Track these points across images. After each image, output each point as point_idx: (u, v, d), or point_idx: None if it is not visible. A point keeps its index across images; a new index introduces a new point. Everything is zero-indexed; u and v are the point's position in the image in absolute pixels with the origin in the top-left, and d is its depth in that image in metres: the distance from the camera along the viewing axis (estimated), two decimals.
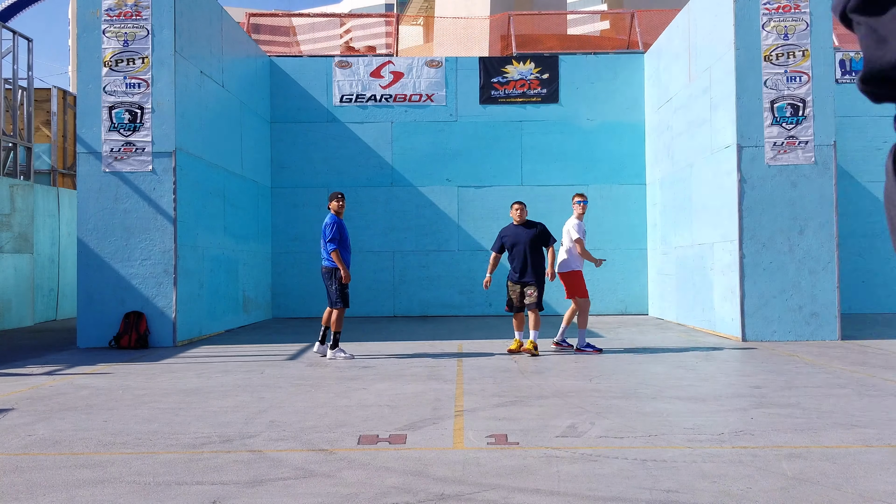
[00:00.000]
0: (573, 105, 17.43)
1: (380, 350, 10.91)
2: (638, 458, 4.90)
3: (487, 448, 5.20)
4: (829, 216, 11.60)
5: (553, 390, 7.45)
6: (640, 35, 18.56)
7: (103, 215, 11.59)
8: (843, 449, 5.09)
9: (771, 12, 11.77)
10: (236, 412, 6.52)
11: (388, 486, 4.37)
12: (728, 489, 4.23)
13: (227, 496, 4.21)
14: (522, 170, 17.34)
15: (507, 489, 4.28)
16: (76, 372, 9.06)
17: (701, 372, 8.58)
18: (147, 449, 5.28)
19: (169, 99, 11.70)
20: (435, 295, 17.19)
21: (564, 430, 5.71)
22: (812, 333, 11.48)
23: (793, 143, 11.68)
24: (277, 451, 5.18)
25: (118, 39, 11.68)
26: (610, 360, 9.69)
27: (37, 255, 16.24)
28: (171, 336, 11.51)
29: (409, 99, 17.40)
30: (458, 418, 6.16)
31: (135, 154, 11.64)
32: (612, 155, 17.36)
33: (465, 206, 17.28)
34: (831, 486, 4.29)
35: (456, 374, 8.59)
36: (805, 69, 11.73)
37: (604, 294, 17.17)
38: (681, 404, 6.71)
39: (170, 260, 11.55)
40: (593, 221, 17.20)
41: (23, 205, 15.73)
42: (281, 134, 17.40)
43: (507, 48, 20.81)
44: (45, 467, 4.84)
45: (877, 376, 8.08)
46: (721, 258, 12.34)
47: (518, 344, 10.24)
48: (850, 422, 5.90)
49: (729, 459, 4.85)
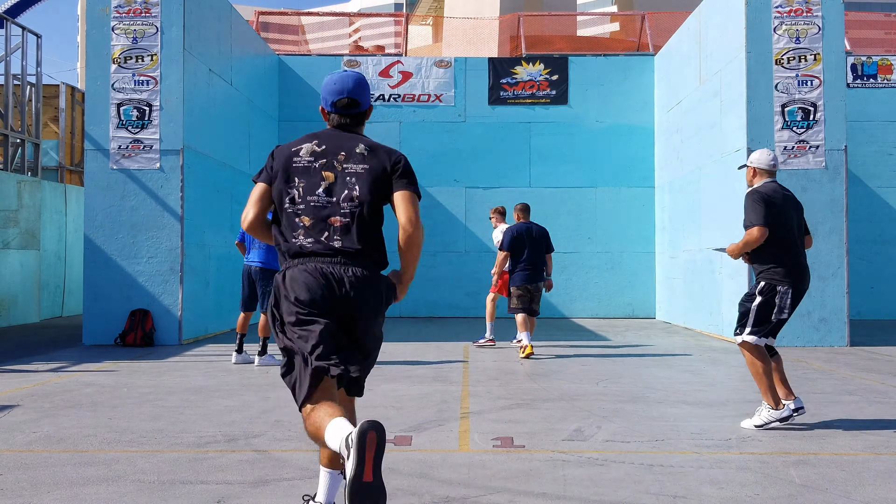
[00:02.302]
0: (582, 107, 17.38)
1: (385, 351, 10.87)
2: (644, 462, 4.87)
3: (493, 451, 5.17)
4: (840, 221, 11.54)
5: (559, 393, 7.42)
6: (650, 37, 18.50)
7: (110, 212, 11.59)
8: (852, 456, 5.05)
9: (783, 16, 11.71)
10: (241, 411, 6.51)
11: (393, 487, 4.34)
12: (735, 495, 4.20)
13: (232, 496, 4.19)
14: (530, 171, 17.31)
15: (513, 492, 4.25)
16: (81, 369, 9.06)
17: (708, 377, 8.53)
18: (152, 447, 5.27)
19: (177, 96, 11.70)
20: (441, 296, 17.16)
21: (571, 433, 5.68)
22: (820, 339, 11.41)
23: (803, 147, 11.63)
24: (282, 451, 5.16)
25: (127, 36, 11.69)
26: (617, 363, 9.66)
27: (43, 251, 16.26)
28: (176, 334, 11.51)
29: (418, 99, 17.38)
30: (464, 420, 6.13)
31: (142, 151, 11.64)
32: (621, 157, 17.30)
33: (472, 207, 17.25)
34: (839, 493, 4.26)
35: (462, 375, 8.56)
36: (816, 73, 11.67)
37: (611, 297, 17.12)
38: (688, 409, 6.67)
39: (176, 258, 11.55)
40: (602, 224, 17.16)
41: (30, 201, 15.76)
42: (289, 133, 17.38)
43: (516, 49, 20.77)
44: (50, 464, 4.82)
45: (886, 383, 8.02)
46: (729, 262, 12.28)
47: (532, 348, 10.07)
48: (858, 429, 5.85)
49: (736, 465, 4.82)
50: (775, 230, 5.76)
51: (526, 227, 10.30)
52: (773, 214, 5.78)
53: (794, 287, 5.79)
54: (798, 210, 6.05)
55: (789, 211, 5.92)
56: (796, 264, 5.83)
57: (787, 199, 5.96)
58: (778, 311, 5.78)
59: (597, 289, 17.17)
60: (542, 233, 10.32)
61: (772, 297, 5.78)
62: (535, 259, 10.15)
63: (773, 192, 5.91)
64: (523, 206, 10.62)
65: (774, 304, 5.77)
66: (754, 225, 5.74)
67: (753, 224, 5.74)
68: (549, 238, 10.37)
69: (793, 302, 5.79)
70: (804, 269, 5.89)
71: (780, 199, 5.90)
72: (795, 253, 5.86)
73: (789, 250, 5.82)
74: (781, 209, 5.85)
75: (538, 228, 10.34)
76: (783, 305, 5.76)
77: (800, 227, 6.00)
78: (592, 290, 17.12)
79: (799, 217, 6.02)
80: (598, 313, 17.08)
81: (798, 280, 5.82)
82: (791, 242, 5.85)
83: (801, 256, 5.91)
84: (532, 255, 10.12)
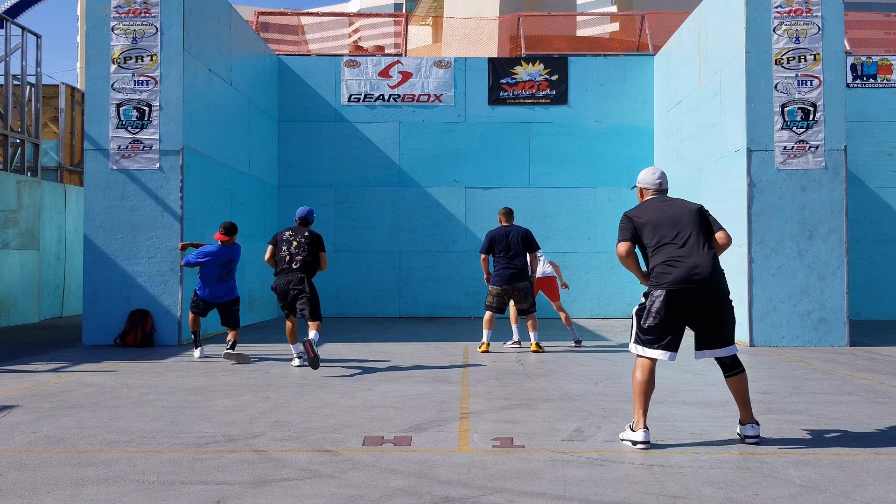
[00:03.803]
0: (582, 107, 17.38)
1: (385, 351, 10.89)
2: (644, 462, 4.87)
3: (493, 451, 5.17)
4: (839, 221, 11.54)
5: (559, 393, 7.42)
6: (650, 37, 18.50)
7: (110, 212, 11.59)
8: (852, 456, 5.05)
9: (782, 16, 11.71)
10: (241, 412, 6.51)
11: (392, 487, 4.34)
12: (735, 496, 4.20)
13: (232, 496, 4.19)
14: (530, 171, 17.31)
15: (513, 492, 4.25)
16: (81, 369, 9.06)
17: (708, 377, 8.53)
18: (151, 447, 5.27)
19: (177, 97, 11.70)
20: (441, 296, 17.16)
21: (570, 433, 5.68)
22: (820, 339, 11.41)
23: (803, 147, 11.63)
24: (282, 452, 5.16)
25: (127, 36, 11.69)
26: (617, 363, 9.66)
27: (43, 251, 16.26)
28: (176, 334, 11.51)
29: (418, 99, 17.38)
30: (464, 420, 6.13)
31: (142, 151, 11.64)
32: (621, 157, 17.30)
33: (472, 207, 17.25)
34: (840, 493, 4.26)
35: (461, 376, 8.56)
36: (816, 73, 11.68)
37: (611, 297, 17.13)
38: (688, 409, 6.67)
39: (176, 258, 11.55)
40: (602, 224, 17.17)
41: (30, 201, 15.76)
42: (289, 133, 17.40)
43: (516, 49, 20.78)
44: (50, 465, 4.82)
45: (886, 383, 8.03)
46: (729, 262, 12.27)
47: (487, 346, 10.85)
48: (858, 429, 5.85)
49: (736, 465, 4.82)
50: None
51: (505, 230, 10.78)
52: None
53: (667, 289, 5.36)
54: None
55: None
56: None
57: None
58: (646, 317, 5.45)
59: (596, 289, 17.17)
60: (523, 234, 10.75)
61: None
62: (515, 260, 10.65)
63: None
64: (506, 209, 11.13)
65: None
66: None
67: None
68: (531, 238, 10.82)
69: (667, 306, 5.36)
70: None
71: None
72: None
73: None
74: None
75: (517, 230, 10.77)
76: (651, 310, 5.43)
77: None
78: (592, 290, 17.12)
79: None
80: (598, 313, 17.08)
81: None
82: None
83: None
84: (511, 256, 10.63)
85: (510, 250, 10.62)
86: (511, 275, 10.61)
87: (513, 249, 10.63)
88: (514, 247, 10.64)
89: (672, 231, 5.47)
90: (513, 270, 10.61)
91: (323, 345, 11.25)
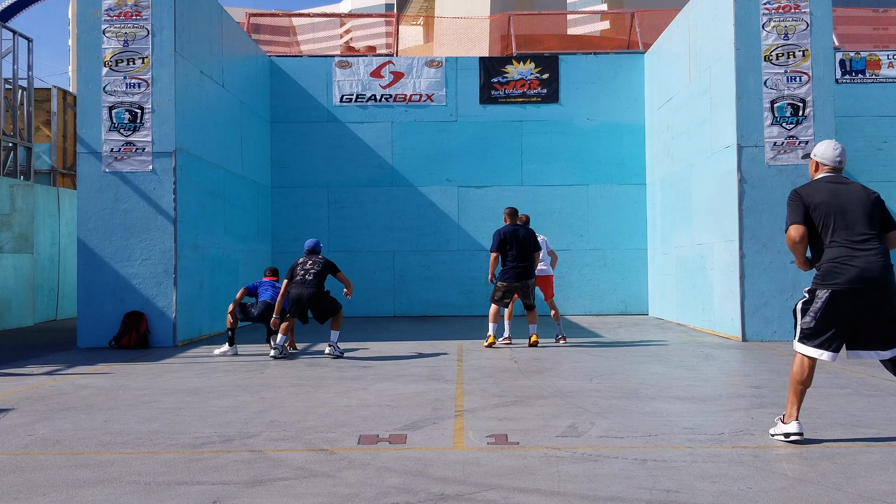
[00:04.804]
0: (573, 105, 17.43)
1: (380, 350, 10.92)
2: (638, 458, 4.90)
3: (488, 448, 5.20)
4: None
5: (553, 390, 7.45)
6: (641, 35, 18.56)
7: (103, 215, 11.59)
8: (844, 449, 5.09)
9: (771, 12, 11.77)
10: (237, 412, 6.53)
11: (388, 485, 4.37)
12: (728, 489, 4.24)
13: (228, 496, 4.21)
14: (522, 170, 17.35)
15: (508, 489, 4.28)
16: (76, 372, 9.07)
17: (701, 372, 8.58)
18: (147, 449, 5.29)
19: (169, 99, 11.71)
20: (435, 295, 17.19)
21: (565, 430, 5.72)
22: None
23: (793, 143, 11.69)
24: (278, 451, 5.18)
25: (118, 39, 11.68)
26: (610, 360, 9.70)
27: (37, 254, 16.24)
28: (171, 336, 11.52)
29: (410, 99, 17.41)
30: (459, 418, 6.16)
31: (135, 154, 11.65)
32: (612, 155, 17.36)
33: (465, 207, 17.29)
34: (832, 486, 4.30)
35: (456, 373, 8.59)
36: (805, 69, 11.74)
37: (604, 294, 17.18)
38: (681, 404, 6.71)
39: (170, 260, 11.56)
40: (594, 222, 17.22)
41: (23, 205, 15.74)
42: (281, 134, 17.40)
43: (507, 48, 20.81)
44: (46, 467, 4.84)
45: (877, 376, 8.08)
46: (721, 258, 12.34)
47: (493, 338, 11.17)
48: (850, 422, 5.90)
49: (729, 459, 4.86)
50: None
51: (512, 228, 11.06)
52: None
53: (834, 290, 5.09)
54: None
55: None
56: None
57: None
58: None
59: (590, 286, 17.23)
60: (529, 234, 11.10)
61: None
62: (523, 258, 10.96)
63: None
64: (511, 209, 11.40)
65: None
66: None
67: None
68: (535, 238, 11.20)
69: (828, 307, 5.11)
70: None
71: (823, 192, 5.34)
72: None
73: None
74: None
75: (526, 230, 11.11)
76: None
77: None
78: (585, 287, 17.18)
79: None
80: (591, 310, 17.13)
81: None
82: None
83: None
84: (520, 254, 10.93)
85: (521, 249, 10.93)
86: (522, 272, 10.91)
87: (523, 248, 10.95)
88: (525, 246, 10.97)
89: (844, 221, 5.18)
90: (524, 268, 10.93)
91: (317, 345, 11.31)
